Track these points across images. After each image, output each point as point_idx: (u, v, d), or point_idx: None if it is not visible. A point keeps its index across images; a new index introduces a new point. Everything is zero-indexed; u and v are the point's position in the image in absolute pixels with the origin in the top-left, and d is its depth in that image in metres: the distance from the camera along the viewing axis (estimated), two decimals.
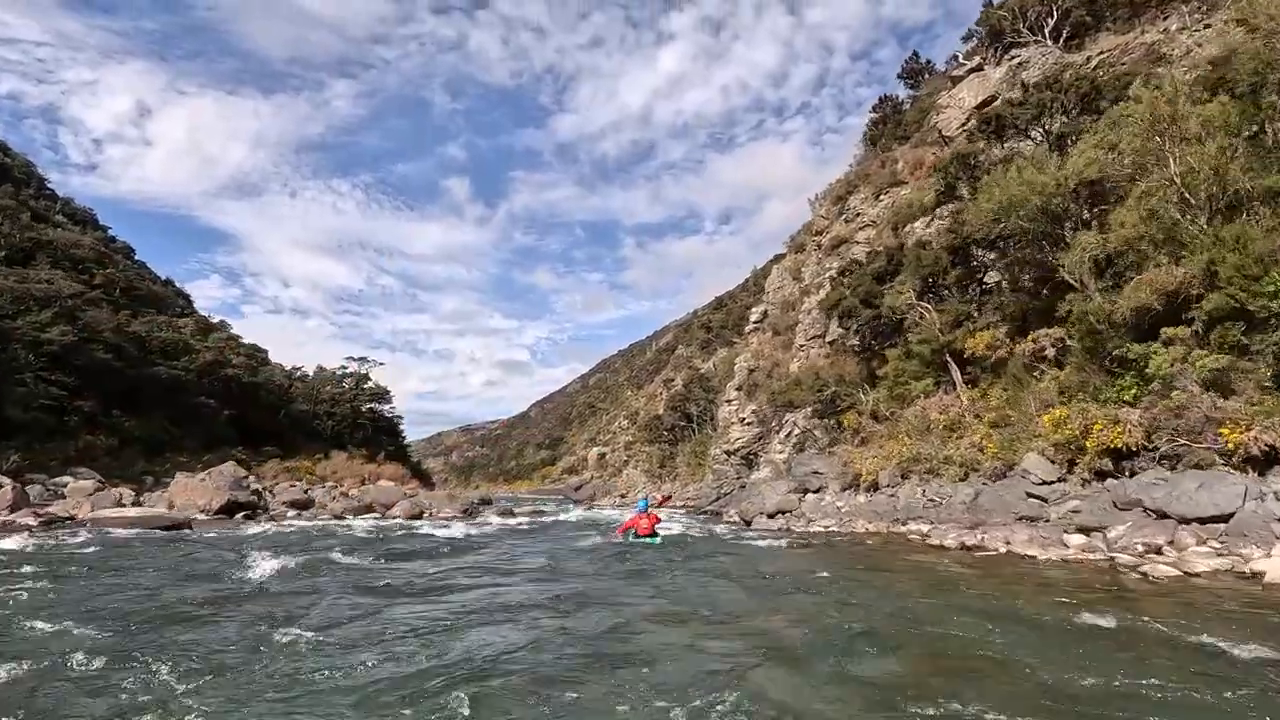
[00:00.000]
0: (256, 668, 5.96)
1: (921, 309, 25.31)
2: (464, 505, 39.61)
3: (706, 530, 25.46)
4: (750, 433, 42.57)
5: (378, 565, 13.37)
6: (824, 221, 45.89)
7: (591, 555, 15.94)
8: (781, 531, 22.55)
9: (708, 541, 19.81)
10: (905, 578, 10.43)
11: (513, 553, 16.56)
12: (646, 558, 16.03)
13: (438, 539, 19.68)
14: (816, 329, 38.79)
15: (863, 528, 19.82)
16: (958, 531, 15.45)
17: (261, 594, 9.57)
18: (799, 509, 25.67)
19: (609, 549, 16.99)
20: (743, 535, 21.92)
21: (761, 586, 10.43)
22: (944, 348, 24.81)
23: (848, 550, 15.41)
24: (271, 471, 52.88)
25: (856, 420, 27.55)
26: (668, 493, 51.46)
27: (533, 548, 18.14)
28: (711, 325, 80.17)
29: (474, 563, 14.08)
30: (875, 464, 24.35)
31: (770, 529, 23.70)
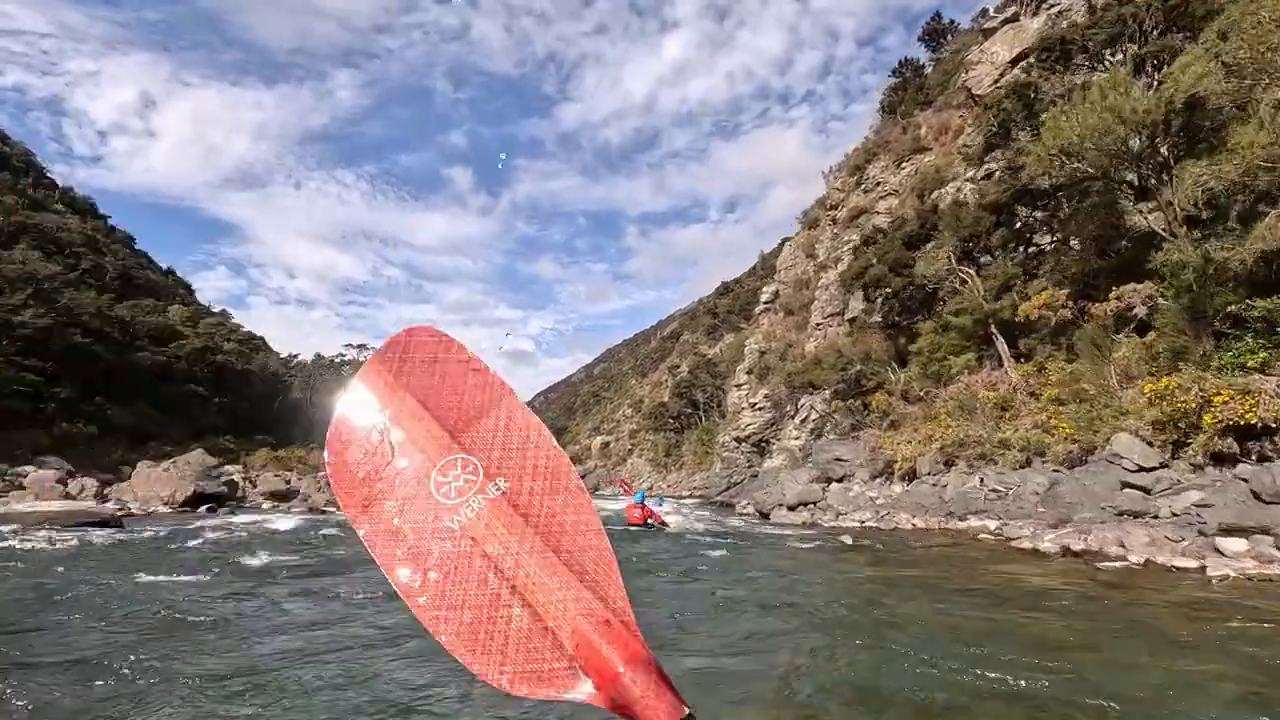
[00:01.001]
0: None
1: (962, 274, 21.95)
2: None
3: (718, 523, 22.28)
4: (762, 418, 39.33)
5: (295, 571, 10.26)
6: (840, 194, 42.46)
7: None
8: (808, 527, 19.31)
9: (722, 538, 16.59)
10: (1025, 604, 7.17)
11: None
12: (649, 552, 12.86)
13: None
14: (834, 306, 35.45)
15: (908, 523, 16.55)
16: (1042, 530, 12.18)
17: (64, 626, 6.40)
18: (823, 500, 22.42)
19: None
20: (762, 531, 18.70)
21: (818, 613, 7.19)
22: (988, 317, 21.46)
23: (905, 554, 12.12)
24: (260, 461, 49.85)
25: (886, 401, 24.25)
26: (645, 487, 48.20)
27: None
28: (718, 311, 76.71)
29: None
30: (912, 449, 21.07)
31: (792, 523, 20.48)
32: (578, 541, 0.92)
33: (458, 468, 0.96)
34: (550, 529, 0.93)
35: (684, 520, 23.90)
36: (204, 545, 14.52)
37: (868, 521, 18.15)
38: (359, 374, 1.11)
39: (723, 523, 22.93)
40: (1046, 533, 11.85)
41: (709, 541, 15.74)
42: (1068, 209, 19.85)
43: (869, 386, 26.47)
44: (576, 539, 0.92)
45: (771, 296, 45.30)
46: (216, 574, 9.85)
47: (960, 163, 29.54)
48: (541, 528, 0.93)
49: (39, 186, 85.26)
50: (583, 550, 0.92)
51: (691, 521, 23.98)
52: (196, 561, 11.24)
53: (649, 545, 15.18)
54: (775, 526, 19.76)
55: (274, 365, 71.60)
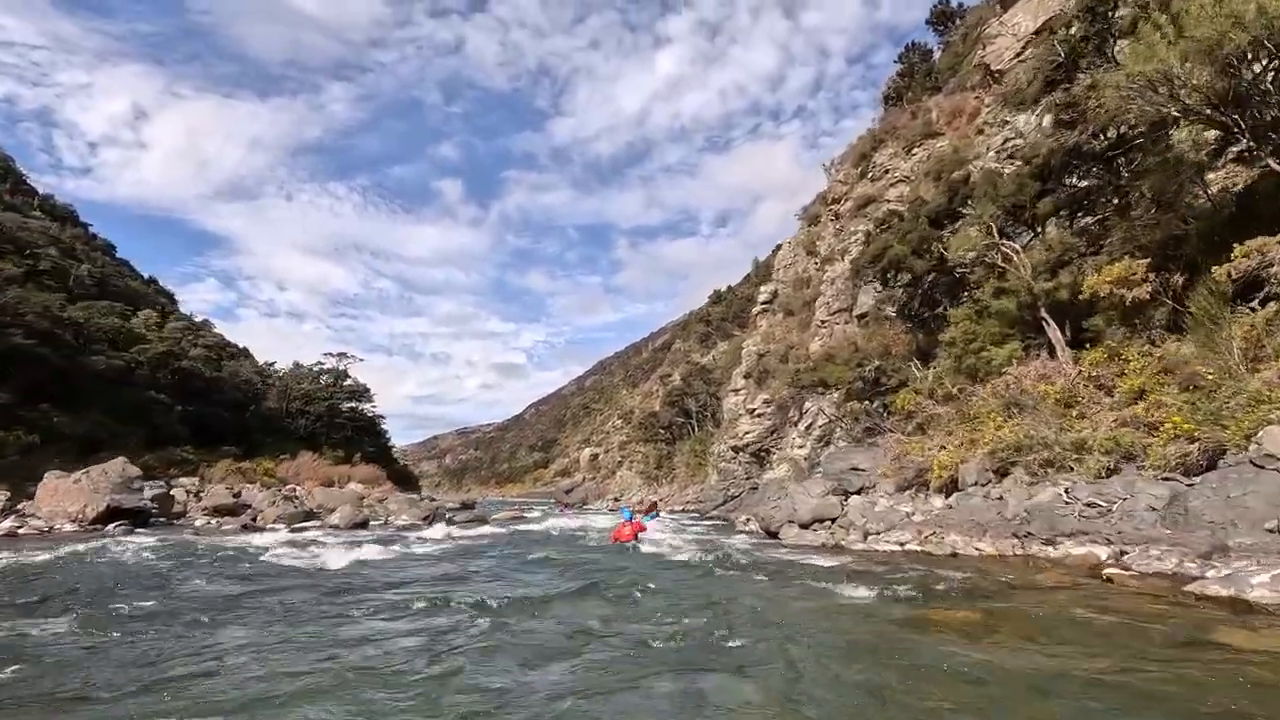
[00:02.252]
0: None
1: (1005, 250, 18.26)
2: (425, 512, 32.38)
3: (716, 544, 18.37)
4: (762, 425, 35.46)
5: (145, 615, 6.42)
6: (843, 187, 38.96)
7: (521, 611, 8.79)
8: (830, 551, 15.41)
9: (725, 567, 12.69)
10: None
11: (411, 592, 9.50)
12: (629, 583, 8.99)
13: (316, 568, 12.54)
14: (841, 301, 31.75)
15: (968, 547, 12.69)
16: (1192, 560, 8.30)
17: None
18: (844, 516, 18.54)
19: (565, 596, 9.84)
20: (775, 556, 14.79)
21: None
22: (1037, 300, 17.76)
23: (1010, 608, 8.14)
24: (220, 473, 45.36)
25: (913, 401, 20.44)
26: (650, 500, 44.03)
27: (451, 584, 11.05)
28: (711, 318, 73.10)
29: (281, 636, 7.03)
30: (950, 455, 17.25)
31: (808, 544, 16.58)
32: None
33: None
34: None
35: (670, 538, 19.95)
36: (68, 577, 10.58)
37: (909, 544, 14.25)
38: None
39: (722, 543, 18.95)
40: (1206, 567, 7.98)
41: (707, 571, 11.83)
42: (1141, 162, 16.20)
43: (889, 385, 22.70)
44: None
45: (769, 297, 41.73)
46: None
47: (994, 128, 26.05)
48: None
49: (17, 193, 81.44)
50: None
51: (683, 539, 20.01)
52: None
53: (630, 573, 11.24)
54: (790, 550, 15.83)
55: (247, 373, 67.18)
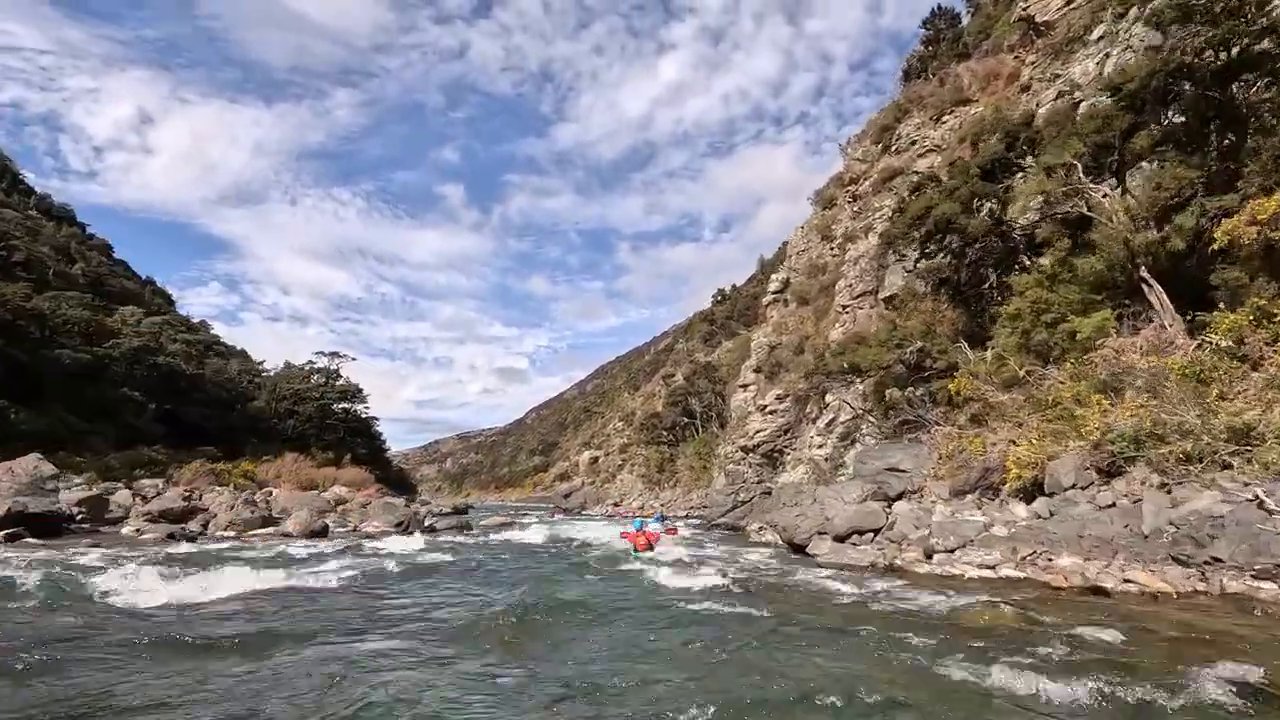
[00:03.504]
0: None
1: (1095, 196, 14.30)
2: (400, 518, 28.39)
3: (733, 561, 14.37)
4: (774, 424, 31.45)
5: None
6: (861, 165, 35.08)
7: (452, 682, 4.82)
8: (886, 573, 11.42)
9: (760, 609, 8.76)
10: None
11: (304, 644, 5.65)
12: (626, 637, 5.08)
13: (133, 608, 8.62)
14: (865, 283, 27.80)
15: (1105, 575, 8.66)
16: None
17: None
18: (891, 526, 14.52)
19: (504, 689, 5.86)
20: (816, 580, 10.83)
21: None
22: (1135, 256, 13.80)
23: None
24: (190, 475, 41.28)
25: (972, 387, 16.43)
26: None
27: (372, 635, 7.13)
28: (715, 317, 69.06)
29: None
30: (1031, 450, 13.24)
31: (853, 564, 12.56)
32: None
33: None
34: None
35: (677, 552, 15.95)
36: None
37: (1001, 567, 10.24)
38: None
39: (742, 559, 14.93)
40: None
41: (742, 616, 7.84)
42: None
43: (933, 370, 18.73)
44: None
45: (781, 285, 37.84)
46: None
47: (1044, 83, 22.15)
48: None
49: (14, 192, 78.58)
50: None
51: (692, 554, 15.98)
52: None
53: (630, 617, 7.29)
54: (832, 573, 11.81)
55: (233, 371, 63.36)
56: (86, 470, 35.58)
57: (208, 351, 66.15)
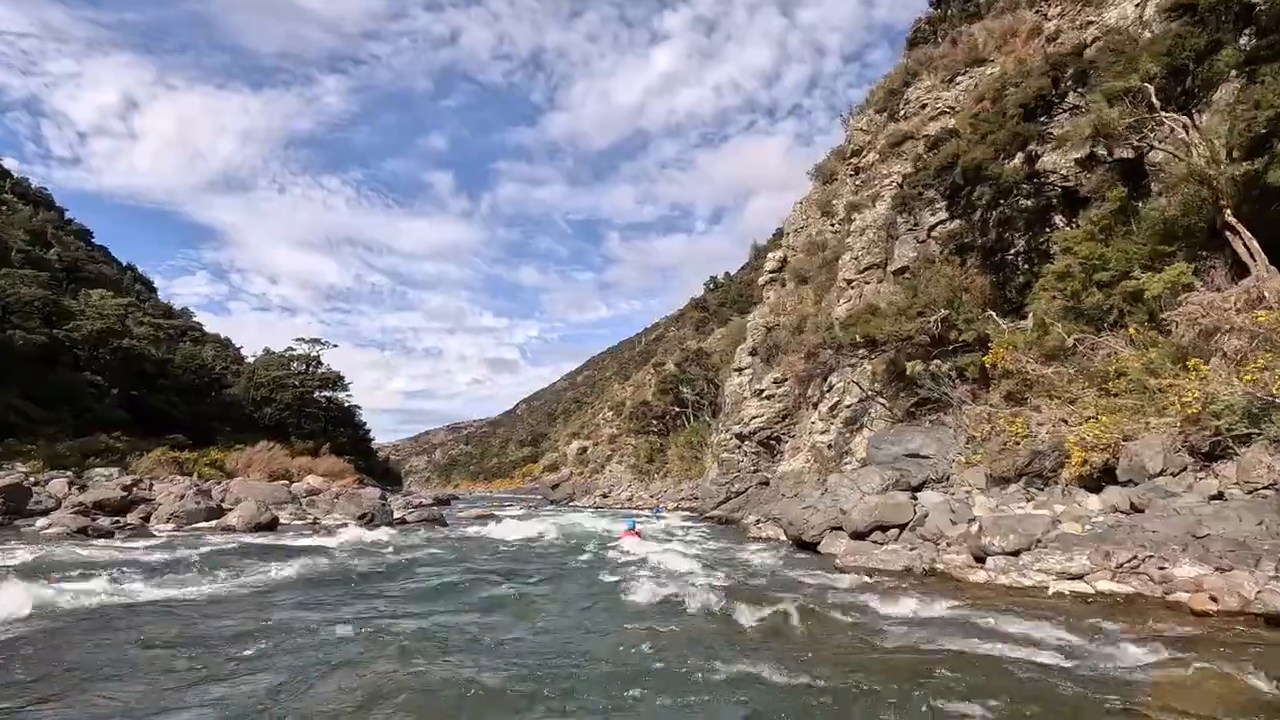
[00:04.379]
0: None
1: (1177, 122, 11.69)
2: (364, 510, 25.60)
3: (732, 563, 11.75)
4: (771, 409, 28.86)
5: None
6: (864, 135, 32.42)
7: None
8: (929, 582, 8.84)
9: (771, 641, 6.06)
10: None
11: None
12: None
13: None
14: (873, 255, 25.17)
15: (1262, 592, 5.99)
16: None
17: None
18: (922, 521, 11.93)
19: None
20: (838, 591, 8.26)
21: None
22: (1220, 196, 11.21)
23: None
24: (151, 464, 38.29)
25: (1010, 358, 13.83)
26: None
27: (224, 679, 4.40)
28: (708, 304, 66.35)
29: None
30: (1101, 430, 10.64)
31: (882, 569, 9.96)
32: None
33: None
34: None
35: (664, 550, 13.27)
36: None
37: (1094, 577, 7.63)
38: None
39: (741, 561, 12.30)
40: None
41: (744, 646, 5.18)
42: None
43: (959, 342, 16.13)
44: None
45: (778, 265, 35.29)
46: None
47: (1073, 32, 19.52)
48: None
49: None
50: None
51: (683, 552, 13.31)
52: None
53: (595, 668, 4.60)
54: (856, 581, 9.20)
55: (207, 357, 60.19)
56: (35, 458, 32.59)
57: (181, 336, 62.92)
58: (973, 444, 15.00)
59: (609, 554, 13.73)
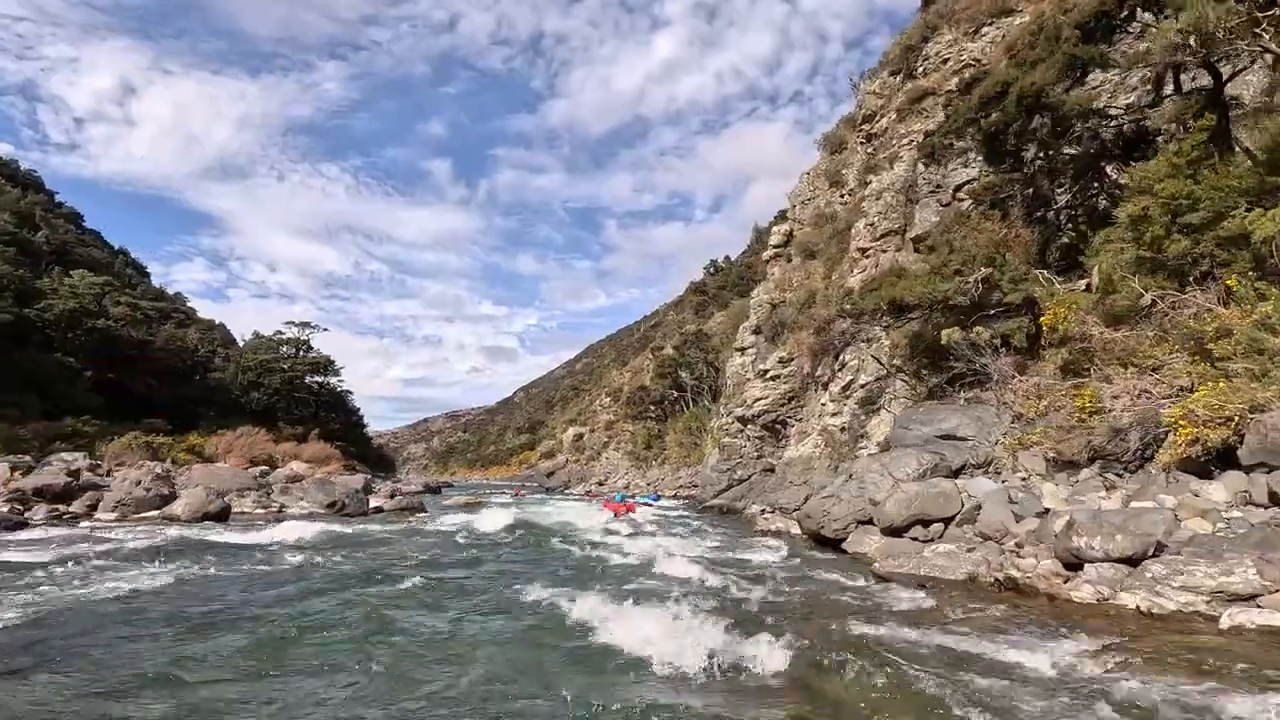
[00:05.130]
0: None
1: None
2: (333, 498, 23.24)
3: (742, 569, 9.39)
4: (777, 390, 26.44)
5: None
6: (877, 100, 29.79)
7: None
8: (1002, 595, 6.43)
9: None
10: None
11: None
12: None
13: None
14: (890, 221, 22.66)
15: None
16: None
17: None
18: (973, 516, 9.56)
19: None
20: (894, 635, 5.84)
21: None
22: None
23: None
24: (120, 449, 35.90)
25: (1075, 319, 11.39)
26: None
27: None
28: (707, 288, 63.78)
29: None
30: (1219, 402, 8.20)
31: (939, 577, 7.61)
32: None
33: None
34: None
35: (658, 550, 10.84)
36: None
37: (1271, 602, 5.21)
38: None
39: (743, 559, 9.92)
40: None
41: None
42: None
43: (1000, 308, 13.67)
44: None
45: (783, 239, 32.79)
46: None
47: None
48: None
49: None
50: None
51: (681, 551, 10.91)
52: None
53: None
54: (905, 597, 6.83)
55: (191, 339, 57.66)
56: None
57: (166, 318, 60.32)
58: (1020, 422, 12.61)
59: (587, 552, 11.35)
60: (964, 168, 19.69)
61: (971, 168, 19.74)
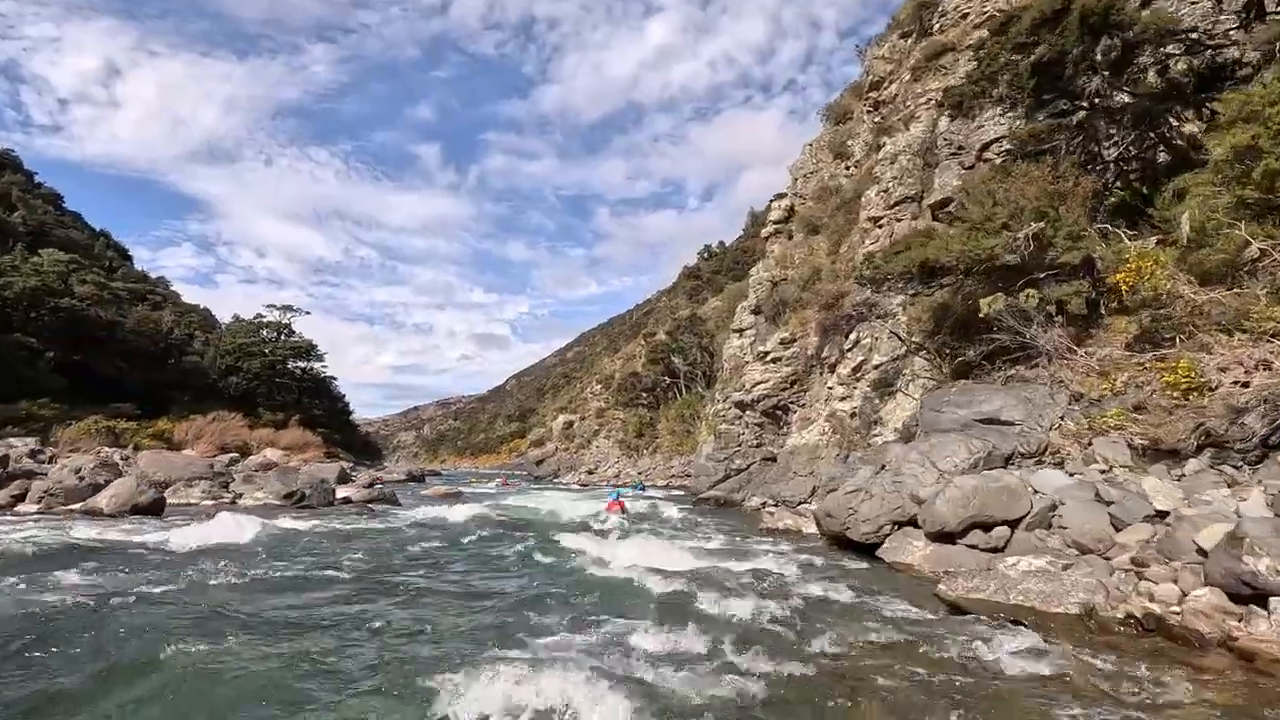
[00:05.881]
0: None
1: None
2: (290, 489, 20.79)
3: (735, 579, 7.13)
4: (778, 373, 24.17)
5: None
6: (886, 66, 27.42)
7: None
8: (1137, 640, 4.18)
9: None
10: None
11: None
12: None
13: None
14: (906, 186, 20.35)
15: None
16: None
17: None
18: (1042, 519, 7.35)
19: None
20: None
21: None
22: None
23: None
24: (77, 434, 33.40)
25: (1161, 276, 9.11)
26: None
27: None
28: (701, 273, 61.27)
29: None
30: None
31: (1048, 609, 5.36)
32: None
33: None
34: None
35: (644, 559, 8.52)
36: None
37: None
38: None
39: (756, 570, 7.61)
40: None
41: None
42: None
43: (1046, 270, 11.40)
44: None
45: (784, 215, 30.43)
46: None
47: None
48: None
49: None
50: None
51: (672, 562, 8.61)
52: None
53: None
54: (1007, 639, 4.50)
55: (166, 321, 54.84)
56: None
57: (140, 299, 57.34)
58: (1082, 403, 10.38)
59: (560, 561, 9.04)
60: (993, 124, 17.41)
61: (1001, 124, 17.48)
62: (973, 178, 17.83)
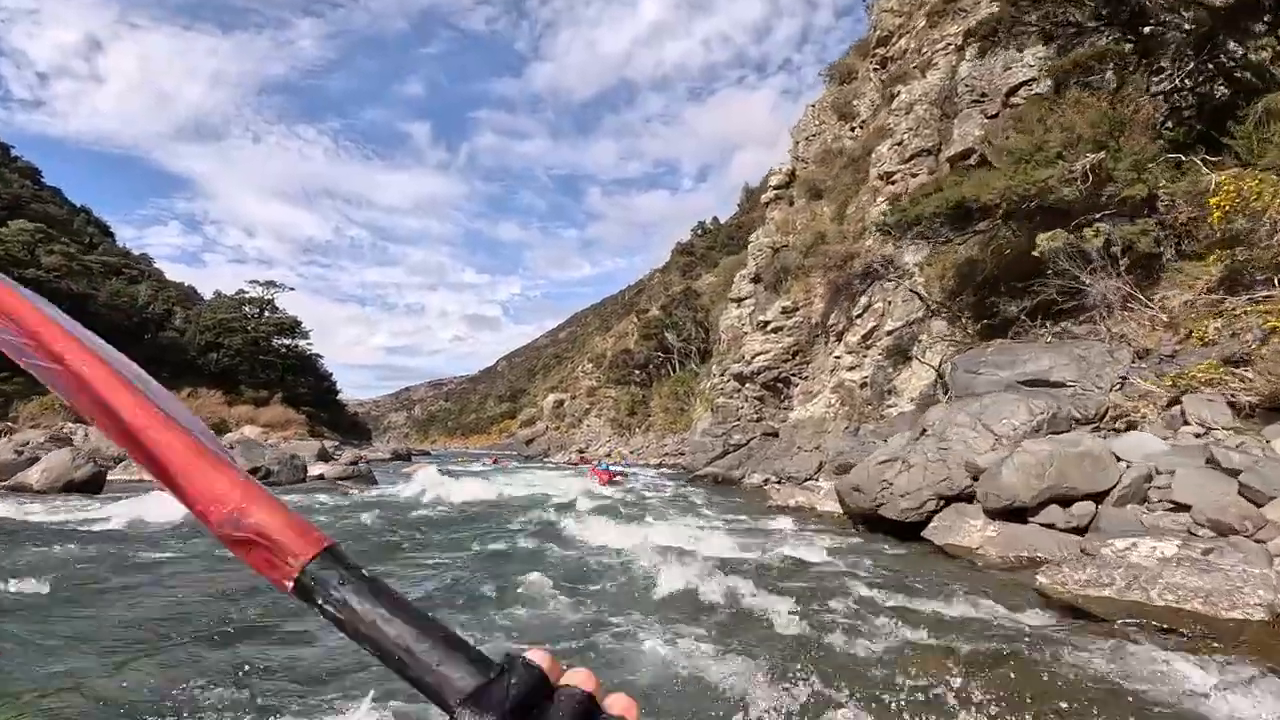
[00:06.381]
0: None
1: None
2: (258, 464, 19.00)
3: (757, 575, 5.53)
4: (780, 344, 22.52)
5: None
6: (894, 20, 25.50)
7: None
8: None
9: None
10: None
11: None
12: None
13: None
14: (922, 139, 18.59)
15: None
16: None
17: None
18: (1138, 492, 5.76)
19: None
20: None
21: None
22: None
23: None
24: (38, 410, 31.55)
25: (1271, 200, 7.43)
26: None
27: None
28: (695, 249, 59.30)
29: None
30: None
31: (1212, 614, 3.77)
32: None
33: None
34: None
35: (641, 544, 6.88)
36: None
37: None
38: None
39: (779, 554, 5.96)
40: None
41: None
42: None
43: (1105, 208, 9.76)
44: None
45: (785, 180, 28.59)
46: None
47: None
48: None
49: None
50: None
51: (678, 555, 6.99)
52: None
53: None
54: (1181, 669, 2.86)
55: (142, 296, 52.46)
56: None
57: (115, 273, 54.87)
58: (1150, 359, 8.79)
59: (543, 547, 7.39)
60: (1022, 66, 15.65)
61: (1030, 66, 15.73)
62: (996, 126, 16.12)
